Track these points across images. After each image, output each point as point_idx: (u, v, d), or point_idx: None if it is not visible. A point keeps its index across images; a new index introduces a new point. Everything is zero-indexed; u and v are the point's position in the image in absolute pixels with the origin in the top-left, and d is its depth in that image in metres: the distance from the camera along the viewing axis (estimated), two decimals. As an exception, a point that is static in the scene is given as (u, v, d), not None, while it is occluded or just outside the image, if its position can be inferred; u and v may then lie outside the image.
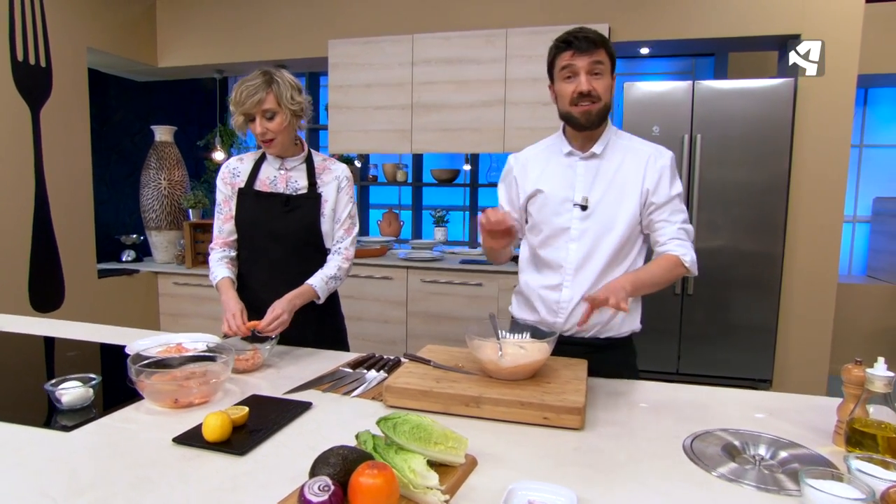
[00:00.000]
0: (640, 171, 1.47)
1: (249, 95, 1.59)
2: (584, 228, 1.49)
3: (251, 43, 3.98)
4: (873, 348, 3.85)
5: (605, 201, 1.48)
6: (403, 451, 0.92)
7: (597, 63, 1.41)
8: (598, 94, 1.43)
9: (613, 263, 1.50)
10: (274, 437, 1.11)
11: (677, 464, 1.04)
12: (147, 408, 1.24)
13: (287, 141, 1.70)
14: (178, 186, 4.19)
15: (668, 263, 1.45)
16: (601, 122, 1.48)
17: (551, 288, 1.55)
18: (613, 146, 1.51)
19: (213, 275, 1.72)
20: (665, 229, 1.47)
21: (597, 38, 1.42)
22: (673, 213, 1.47)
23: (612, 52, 1.44)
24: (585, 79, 1.42)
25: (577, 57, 1.41)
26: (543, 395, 1.22)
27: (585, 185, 1.50)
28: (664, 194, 1.47)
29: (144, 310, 4.00)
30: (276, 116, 1.63)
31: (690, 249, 1.47)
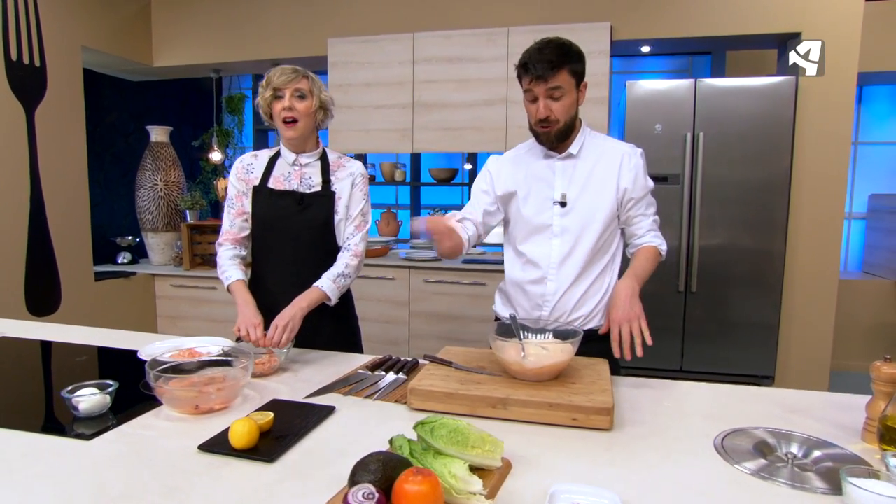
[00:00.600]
0: (615, 169, 1.55)
1: (284, 73, 1.62)
2: (565, 225, 1.57)
3: (248, 42, 3.93)
4: (871, 344, 3.89)
5: (583, 198, 1.56)
6: (441, 455, 0.91)
7: (554, 89, 1.45)
8: (556, 118, 1.49)
9: (595, 256, 1.59)
10: (301, 443, 1.09)
11: (712, 463, 1.03)
12: (166, 414, 1.22)
13: (308, 128, 1.68)
14: (174, 187, 4.14)
15: (651, 255, 1.59)
16: (564, 139, 1.55)
17: (535, 282, 1.62)
18: (588, 146, 1.59)
19: (226, 275, 1.69)
20: (642, 222, 1.61)
21: (556, 58, 1.44)
22: (647, 206, 1.60)
23: (576, 69, 1.46)
24: (543, 105, 1.49)
25: (534, 83, 1.46)
26: (571, 395, 1.21)
27: (564, 183, 1.57)
28: (640, 189, 1.57)
29: (142, 312, 3.95)
30: (305, 98, 1.64)
31: (662, 239, 1.63)
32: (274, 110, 1.65)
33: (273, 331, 1.52)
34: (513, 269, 1.68)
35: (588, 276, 1.59)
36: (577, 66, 1.47)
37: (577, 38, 3.25)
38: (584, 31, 3.25)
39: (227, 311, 3.89)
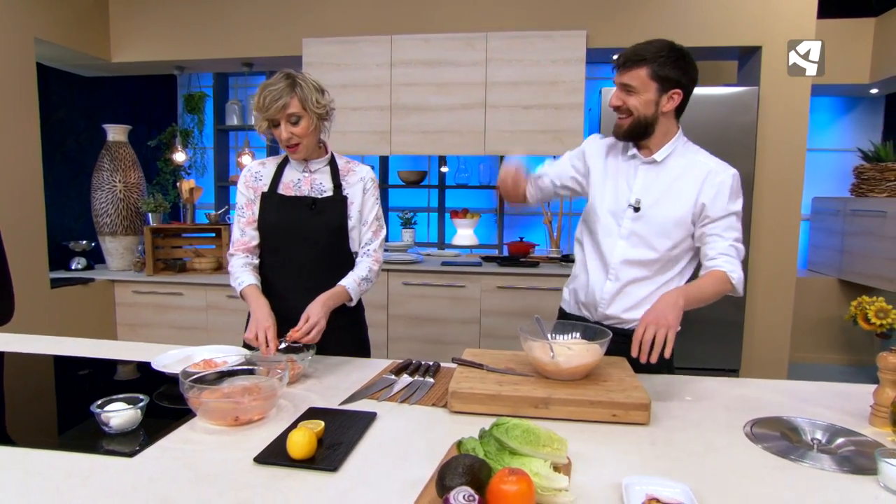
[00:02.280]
0: (698, 184, 1.51)
1: (273, 100, 1.54)
2: (634, 229, 1.57)
3: (216, 38, 3.80)
4: (819, 337, 4.20)
5: (658, 207, 1.54)
6: (517, 455, 0.93)
7: (625, 85, 1.49)
8: (628, 109, 1.51)
9: (661, 266, 1.57)
10: (356, 451, 1.07)
11: (749, 450, 1.10)
12: (202, 426, 1.17)
13: (312, 144, 1.65)
14: (134, 189, 3.94)
15: (716, 280, 1.47)
16: (636, 135, 1.54)
17: (598, 276, 1.64)
18: (677, 156, 1.56)
19: (238, 281, 1.64)
20: (716, 244, 1.50)
21: (635, 56, 1.47)
22: (727, 229, 1.50)
23: (660, 73, 1.45)
24: (615, 94, 1.53)
25: (616, 74, 1.52)
26: (609, 393, 1.26)
27: (641, 188, 1.56)
28: (720, 209, 1.50)
29: (100, 320, 3.73)
30: (301, 120, 1.58)
31: (738, 268, 1.49)
32: (275, 134, 1.62)
33: (303, 322, 1.49)
34: (584, 256, 1.69)
35: (649, 284, 1.57)
36: (661, 69, 1.44)
37: (555, 45, 3.39)
38: (561, 38, 3.35)
39: (193, 317, 3.74)
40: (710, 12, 3.31)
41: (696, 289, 1.46)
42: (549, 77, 3.38)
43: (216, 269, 3.96)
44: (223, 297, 3.71)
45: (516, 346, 3.72)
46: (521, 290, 3.42)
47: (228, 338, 3.70)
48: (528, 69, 3.41)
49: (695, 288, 1.46)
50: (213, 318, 3.73)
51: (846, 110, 4.59)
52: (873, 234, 3.82)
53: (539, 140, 3.45)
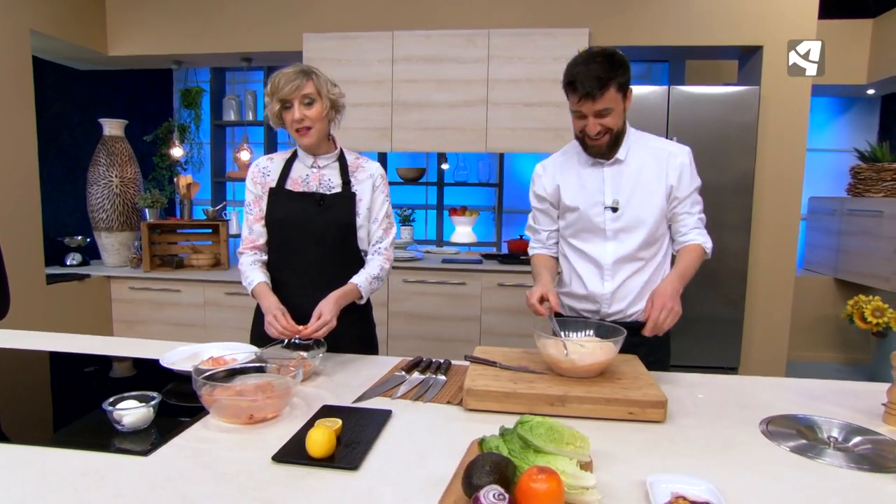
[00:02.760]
0: (663, 168, 1.59)
1: (289, 81, 1.54)
2: (618, 228, 1.61)
3: (215, 32, 3.76)
4: (815, 335, 4.23)
5: (634, 201, 1.59)
6: (542, 453, 0.92)
7: (603, 110, 1.47)
8: (607, 128, 1.51)
9: (648, 252, 1.63)
10: (374, 449, 1.06)
11: (767, 448, 1.10)
12: (216, 425, 1.16)
13: (323, 132, 1.63)
14: (131, 185, 3.89)
15: (696, 254, 1.61)
16: (613, 147, 1.57)
17: (592, 280, 1.65)
18: (635, 148, 1.61)
19: (248, 279, 1.62)
20: (686, 220, 1.62)
21: (603, 73, 1.42)
22: (693, 204, 1.62)
23: (622, 81, 1.46)
24: (592, 122, 1.50)
25: (583, 103, 1.47)
26: (624, 390, 1.25)
27: (614, 189, 1.60)
28: (686, 188, 1.60)
29: (96, 317, 3.69)
30: (314, 103, 1.57)
31: (708, 237, 1.64)
32: (285, 119, 1.59)
33: (315, 318, 1.48)
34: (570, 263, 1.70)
35: (644, 272, 1.63)
36: (622, 77, 1.45)
37: (557, 43, 3.39)
38: (564, 35, 3.35)
39: (191, 314, 3.71)
40: (712, 11, 3.31)
41: (685, 270, 1.57)
42: (550, 75, 3.37)
43: (214, 266, 3.93)
44: (221, 293, 3.68)
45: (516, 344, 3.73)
46: (522, 288, 3.41)
47: (226, 334, 3.67)
48: (530, 66, 3.40)
49: (684, 269, 1.57)
50: (210, 314, 3.70)
51: (842, 111, 4.62)
52: (870, 234, 3.86)
53: (541, 138, 3.44)
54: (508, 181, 4.42)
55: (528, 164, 4.39)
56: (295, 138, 1.62)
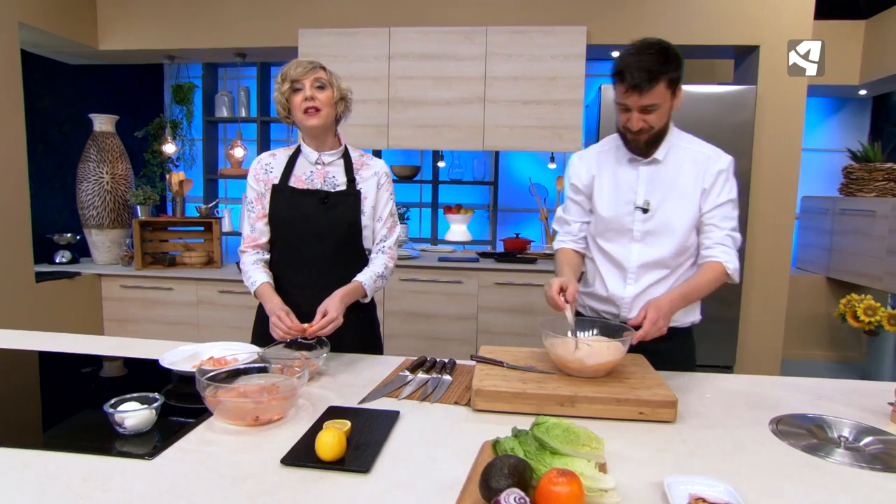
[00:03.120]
0: (699, 174, 1.51)
1: (301, 65, 1.55)
2: (646, 230, 1.54)
3: (208, 27, 3.70)
4: (807, 333, 4.27)
5: (666, 205, 1.53)
6: (558, 455, 0.91)
7: (649, 106, 1.40)
8: (650, 126, 1.44)
9: (676, 262, 1.56)
10: (385, 451, 1.04)
11: (781, 449, 1.10)
12: (221, 427, 1.13)
13: (330, 119, 1.60)
14: (122, 181, 3.83)
15: (714, 274, 1.49)
16: (654, 145, 1.51)
17: (614, 283, 1.60)
18: (674, 150, 1.54)
19: (251, 280, 1.59)
20: (712, 233, 1.51)
21: (655, 66, 1.35)
22: (723, 218, 1.51)
23: (674, 77, 1.38)
24: (636, 118, 1.43)
25: (629, 95, 1.39)
26: (634, 390, 1.24)
27: (647, 190, 1.54)
28: (717, 198, 1.50)
29: (87, 315, 3.63)
30: (325, 89, 1.57)
31: (734, 258, 1.50)
32: (293, 103, 1.57)
33: (320, 316, 1.46)
34: (595, 263, 1.64)
35: (667, 280, 1.56)
36: (674, 73, 1.38)
37: (555, 41, 3.38)
38: (562, 33, 3.34)
39: (184, 312, 3.66)
40: (709, 11, 3.32)
41: (693, 291, 1.48)
42: (548, 73, 3.37)
43: (207, 264, 3.88)
44: (214, 291, 3.64)
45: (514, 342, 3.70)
46: (519, 287, 3.41)
47: (220, 333, 3.62)
48: (528, 64, 3.39)
49: (693, 290, 1.48)
50: (203, 313, 3.65)
51: (834, 111, 4.66)
52: (862, 233, 3.89)
53: (538, 136, 3.43)
54: (503, 179, 4.41)
55: (522, 163, 4.39)
56: (301, 122, 1.58)
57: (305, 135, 1.64)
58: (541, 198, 4.07)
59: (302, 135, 1.66)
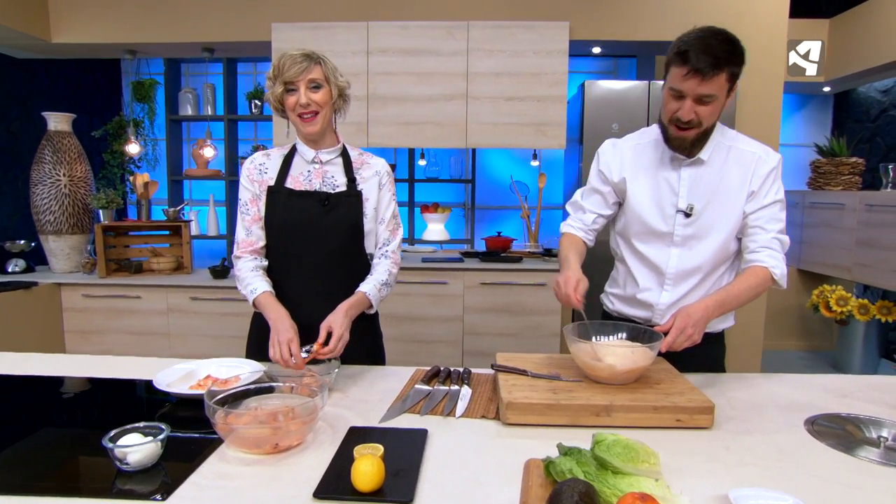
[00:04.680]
0: (747, 175, 1.42)
1: (295, 62, 1.42)
2: (688, 234, 1.46)
3: (173, 20, 3.49)
4: (780, 324, 4.38)
5: (710, 208, 1.43)
6: (620, 474, 0.85)
7: (706, 96, 1.29)
8: (700, 121, 1.33)
9: (714, 268, 1.49)
10: (423, 476, 0.96)
11: (828, 454, 1.07)
12: (235, 456, 1.02)
13: (328, 120, 1.50)
14: (81, 184, 3.58)
15: (758, 279, 1.39)
16: (697, 145, 1.40)
17: (650, 288, 1.52)
18: (719, 148, 1.43)
19: (250, 287, 1.47)
20: (759, 236, 1.42)
21: (723, 54, 1.25)
22: (770, 220, 1.42)
23: (736, 71, 1.29)
24: (689, 106, 1.31)
25: (688, 79, 1.27)
26: (669, 396, 1.20)
27: (690, 192, 1.44)
28: (766, 199, 1.41)
29: (45, 328, 3.38)
30: (321, 88, 1.45)
31: (782, 262, 1.41)
32: (287, 104, 1.46)
33: (324, 333, 1.35)
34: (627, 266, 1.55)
35: (705, 285, 1.48)
36: (737, 67, 1.29)
37: (537, 36, 3.33)
38: (544, 28, 3.29)
39: (153, 322, 3.45)
40: (689, 7, 3.34)
41: (732, 297, 1.37)
42: (531, 68, 3.32)
43: (176, 269, 3.67)
44: (185, 299, 3.45)
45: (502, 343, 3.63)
46: (505, 287, 3.35)
47: (193, 343, 3.44)
48: (511, 60, 3.33)
49: (732, 297, 1.37)
50: (175, 321, 3.46)
51: (798, 107, 4.80)
52: (831, 226, 4.01)
53: (522, 133, 3.38)
54: (480, 177, 4.36)
55: (499, 160, 4.34)
56: (297, 125, 1.48)
57: (302, 135, 1.53)
58: (522, 196, 4.03)
59: (298, 132, 1.55)
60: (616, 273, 1.64)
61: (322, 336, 1.36)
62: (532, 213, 3.99)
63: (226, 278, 3.55)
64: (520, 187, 4.06)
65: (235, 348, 3.53)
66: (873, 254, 3.55)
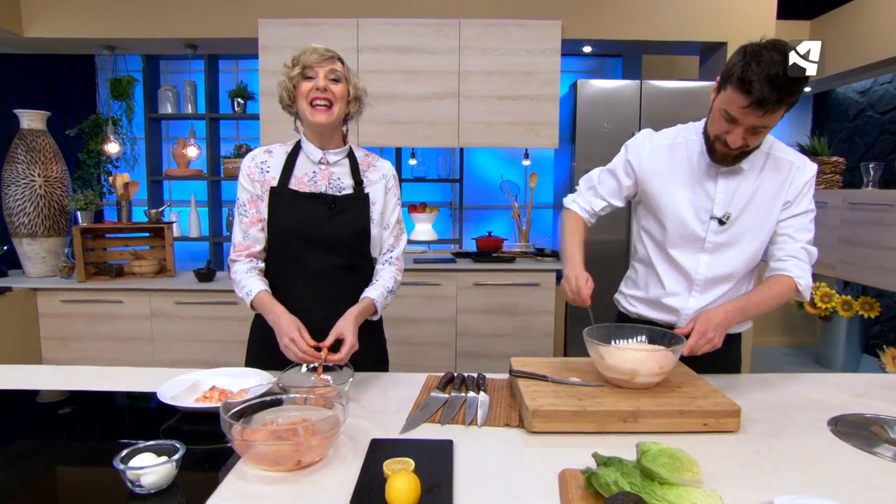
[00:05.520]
0: (783, 185, 1.39)
1: (317, 52, 1.39)
2: (720, 241, 1.43)
3: (155, 15, 3.37)
4: (764, 321, 4.45)
5: (745, 216, 1.41)
6: (666, 485, 0.82)
7: (761, 127, 1.25)
8: (748, 145, 1.29)
9: (746, 276, 1.48)
10: (457, 490, 0.92)
11: (858, 457, 1.06)
12: (254, 474, 0.97)
13: (340, 117, 1.44)
14: (57, 184, 3.44)
15: (782, 288, 1.38)
16: (740, 159, 1.36)
17: (677, 293, 1.49)
18: (756, 155, 1.39)
19: (246, 289, 1.41)
20: (787, 245, 1.41)
21: (789, 86, 1.17)
22: (800, 229, 1.41)
23: (794, 101, 1.22)
24: (740, 134, 1.26)
25: (748, 112, 1.21)
26: (694, 400, 1.18)
27: (726, 200, 1.40)
28: (798, 208, 1.41)
29: (21, 335, 3.24)
30: (340, 82, 1.41)
31: (808, 273, 1.41)
32: (300, 90, 1.39)
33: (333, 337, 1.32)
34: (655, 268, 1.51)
35: (732, 291, 1.47)
36: (797, 97, 1.22)
37: (530, 35, 3.31)
38: (536, 27, 3.28)
39: (136, 327, 3.34)
40: (679, 8, 3.36)
41: (754, 305, 1.36)
42: (523, 67, 3.30)
43: (159, 273, 3.56)
44: (170, 303, 3.34)
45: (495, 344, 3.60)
46: (499, 287, 3.33)
47: (177, 349, 3.34)
48: (503, 59, 3.30)
49: (754, 304, 1.36)
50: (158, 327, 3.35)
51: (779, 107, 4.88)
52: (816, 224, 4.07)
53: (514, 132, 3.36)
54: (468, 176, 4.33)
55: (488, 159, 4.31)
56: (307, 115, 1.40)
57: (309, 130, 1.47)
58: (512, 195, 4.01)
59: (304, 130, 1.49)
60: (635, 274, 1.61)
61: (330, 340, 1.31)
62: (522, 212, 3.98)
63: (211, 281, 3.45)
64: (510, 187, 4.04)
65: (223, 353, 3.44)
66: (856, 251, 3.62)
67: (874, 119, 4.18)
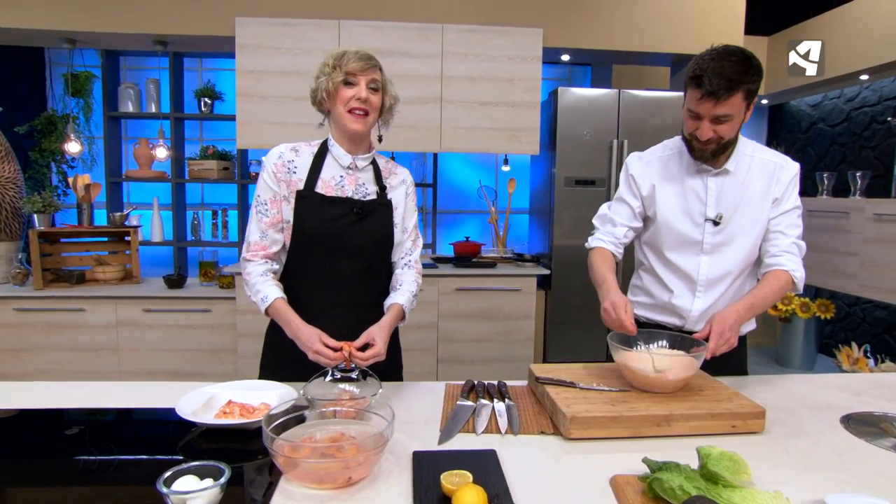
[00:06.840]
0: (769, 183, 1.47)
1: (361, 59, 1.36)
2: (717, 242, 1.50)
3: (122, 8, 3.20)
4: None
5: (737, 216, 1.48)
6: (730, 487, 0.84)
7: (722, 116, 1.33)
8: (719, 137, 1.38)
9: (741, 272, 1.53)
10: (518, 501, 0.91)
11: (880, 454, 1.11)
12: (300, 493, 0.93)
13: (372, 125, 1.44)
14: (10, 185, 3.23)
15: (780, 283, 1.45)
16: (720, 155, 1.44)
17: (682, 296, 1.54)
18: (743, 159, 1.49)
19: (261, 294, 1.36)
20: (779, 241, 1.48)
21: (736, 76, 1.28)
22: (790, 226, 1.48)
23: (752, 88, 1.33)
24: (706, 127, 1.36)
25: (703, 103, 1.32)
26: (721, 403, 1.22)
27: (718, 201, 1.48)
28: (787, 205, 1.48)
29: (-30, 350, 3.00)
30: (378, 92, 1.40)
31: (801, 266, 1.48)
32: (340, 96, 1.37)
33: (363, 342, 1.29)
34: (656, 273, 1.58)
35: (734, 288, 1.53)
36: (754, 84, 1.32)
37: (512, 42, 3.34)
38: (518, 34, 3.31)
39: (100, 337, 3.15)
40: (655, 19, 3.48)
41: (760, 300, 1.43)
42: (505, 74, 3.33)
43: (124, 279, 3.38)
44: (137, 311, 3.18)
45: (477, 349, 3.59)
46: (481, 292, 3.34)
47: (145, 358, 3.17)
48: (485, 65, 3.32)
49: (759, 300, 1.43)
50: (125, 336, 3.18)
51: (736, 118, 5.12)
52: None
53: (496, 138, 3.38)
54: (442, 181, 4.32)
55: (461, 165, 4.32)
56: (345, 121, 1.38)
57: (340, 134, 1.44)
58: (489, 200, 4.04)
59: (333, 131, 1.46)
60: (639, 281, 1.66)
61: (360, 342, 1.28)
62: (500, 216, 4.01)
63: (181, 288, 3.31)
64: (488, 192, 4.06)
65: (196, 362, 3.29)
66: (813, 256, 3.83)
67: (825, 131, 4.44)
